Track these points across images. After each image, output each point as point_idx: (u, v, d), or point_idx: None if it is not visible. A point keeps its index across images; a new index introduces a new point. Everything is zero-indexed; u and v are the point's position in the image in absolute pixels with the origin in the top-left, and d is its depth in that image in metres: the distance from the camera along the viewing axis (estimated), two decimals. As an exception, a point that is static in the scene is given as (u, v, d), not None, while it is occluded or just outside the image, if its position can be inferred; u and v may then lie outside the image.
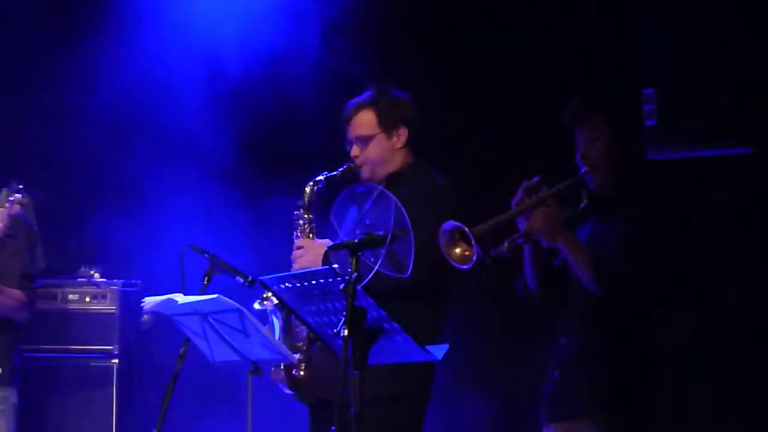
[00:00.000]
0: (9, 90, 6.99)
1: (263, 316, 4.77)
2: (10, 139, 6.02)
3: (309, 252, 4.81)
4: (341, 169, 4.85)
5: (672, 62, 5.50)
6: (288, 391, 4.86)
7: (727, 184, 5.83)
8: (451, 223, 4.14)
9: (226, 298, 4.43)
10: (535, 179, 4.25)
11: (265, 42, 6.63)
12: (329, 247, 4.18)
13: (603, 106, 4.38)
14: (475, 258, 4.09)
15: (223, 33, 6.75)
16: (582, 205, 4.34)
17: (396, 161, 4.83)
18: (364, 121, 4.84)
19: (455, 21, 6.60)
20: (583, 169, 4.31)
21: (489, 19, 6.52)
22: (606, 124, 4.31)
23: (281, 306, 4.78)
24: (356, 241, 3.92)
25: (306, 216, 4.90)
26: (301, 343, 4.80)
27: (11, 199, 5.32)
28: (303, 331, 4.80)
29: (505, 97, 6.42)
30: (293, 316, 4.78)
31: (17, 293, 5.61)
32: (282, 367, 4.80)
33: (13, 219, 5.62)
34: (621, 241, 4.23)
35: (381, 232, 4.01)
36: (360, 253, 3.91)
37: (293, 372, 4.80)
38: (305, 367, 4.80)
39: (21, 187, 5.35)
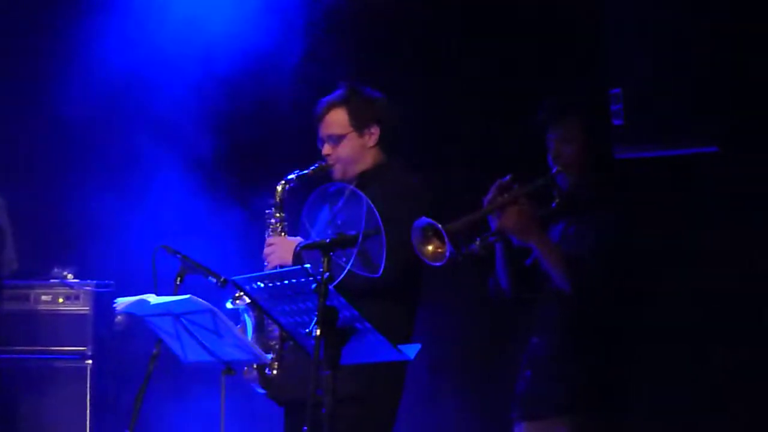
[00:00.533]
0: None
1: (236, 315, 4.77)
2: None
3: (280, 249, 4.80)
4: (313, 167, 4.84)
5: (638, 61, 5.52)
6: (261, 391, 4.85)
7: (693, 183, 5.84)
8: (424, 220, 4.15)
9: (199, 299, 4.44)
10: (507, 178, 4.27)
11: (253, 41, 6.62)
12: (301, 247, 4.19)
13: (576, 107, 4.40)
14: (447, 255, 4.10)
15: (210, 31, 6.73)
16: (554, 205, 4.35)
17: (367, 160, 4.83)
18: (336, 119, 4.83)
19: (428, 21, 6.62)
20: (555, 169, 4.32)
21: (460, 18, 6.54)
22: (579, 126, 4.33)
23: (253, 305, 4.78)
24: (328, 240, 3.91)
25: (278, 215, 4.89)
26: (273, 342, 4.79)
27: None
28: (276, 330, 4.79)
29: (476, 96, 6.43)
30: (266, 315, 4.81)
31: None
32: (255, 366, 4.79)
33: None
34: (592, 240, 4.24)
35: (353, 232, 4.01)
36: (332, 253, 3.90)
37: (266, 371, 4.80)
38: (278, 366, 4.79)
39: None
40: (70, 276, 6.72)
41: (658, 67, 5.45)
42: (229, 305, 4.77)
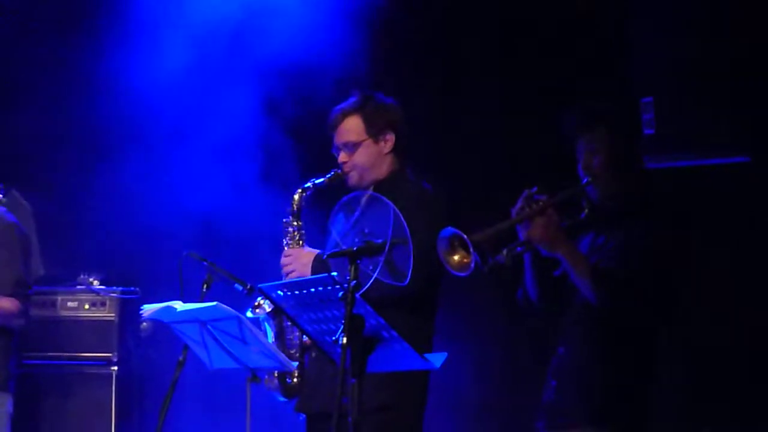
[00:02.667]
0: (10, 93, 7.01)
1: (256, 324, 4.77)
2: (11, 144, 6.03)
3: (297, 260, 4.80)
4: (329, 175, 4.83)
5: (669, 70, 5.50)
6: (282, 399, 4.86)
7: (725, 193, 5.81)
8: (450, 230, 4.13)
9: (225, 306, 4.45)
10: (535, 188, 4.25)
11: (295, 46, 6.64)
12: (327, 255, 4.18)
13: (603, 116, 4.37)
14: (473, 265, 4.09)
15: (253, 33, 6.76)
16: (583, 215, 4.34)
17: (383, 167, 4.82)
18: (351, 127, 4.82)
19: (455, 32, 6.61)
20: (585, 180, 4.31)
21: (489, 28, 6.54)
22: (607, 135, 4.31)
23: (274, 314, 4.79)
24: (355, 248, 3.91)
25: (295, 223, 4.89)
26: (294, 351, 4.80)
27: None
28: (296, 339, 4.81)
29: (504, 105, 6.43)
30: (287, 324, 4.81)
31: (11, 301, 5.62)
32: (276, 375, 4.80)
33: (7, 227, 5.64)
34: (621, 252, 4.22)
35: (380, 240, 4.01)
36: (358, 261, 3.90)
37: (287, 380, 4.81)
38: (298, 374, 4.80)
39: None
40: (96, 282, 6.75)
41: (689, 76, 5.44)
42: (249, 314, 4.77)
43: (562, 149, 4.40)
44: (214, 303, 4.46)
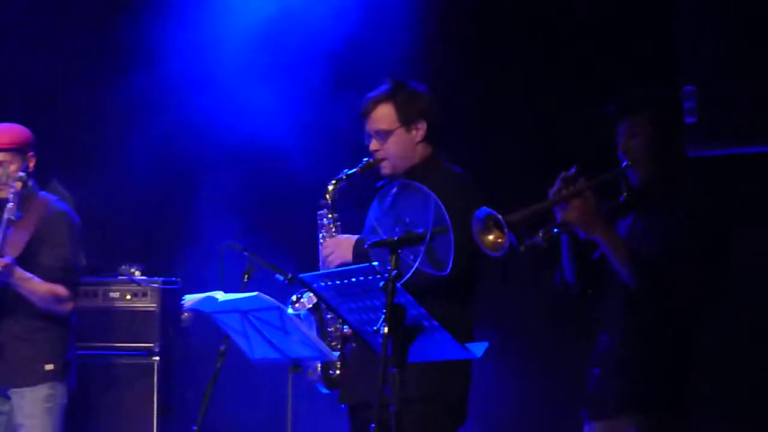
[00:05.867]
0: (58, 88, 7.08)
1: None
2: (54, 136, 6.09)
3: (339, 249, 4.82)
4: (361, 165, 4.86)
5: (714, 58, 5.49)
6: (325, 391, 4.89)
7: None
8: (485, 210, 4.12)
9: (266, 296, 4.47)
10: (573, 170, 4.23)
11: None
12: (369, 244, 4.19)
13: (645, 101, 4.36)
14: (507, 246, 4.07)
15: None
16: (622, 198, 4.32)
17: (415, 155, 4.82)
18: (383, 115, 4.82)
19: (495, 18, 6.61)
20: (625, 163, 4.29)
21: (530, 15, 6.53)
22: (647, 120, 4.29)
23: (314, 309, 4.81)
24: (396, 238, 3.92)
25: (330, 215, 4.92)
26: (335, 343, 4.83)
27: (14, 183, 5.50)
28: (337, 331, 4.85)
29: (547, 92, 6.42)
30: (327, 318, 4.84)
31: (59, 287, 5.67)
32: (318, 367, 4.83)
33: (58, 214, 5.70)
34: (661, 237, 4.20)
35: (421, 230, 4.00)
36: (399, 251, 3.90)
37: (330, 371, 4.83)
38: (340, 366, 4.82)
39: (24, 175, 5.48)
40: (137, 273, 6.80)
41: (732, 64, 5.43)
42: (290, 311, 4.78)
43: (604, 138, 4.39)
44: (255, 293, 4.48)
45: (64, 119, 7.01)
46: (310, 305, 4.81)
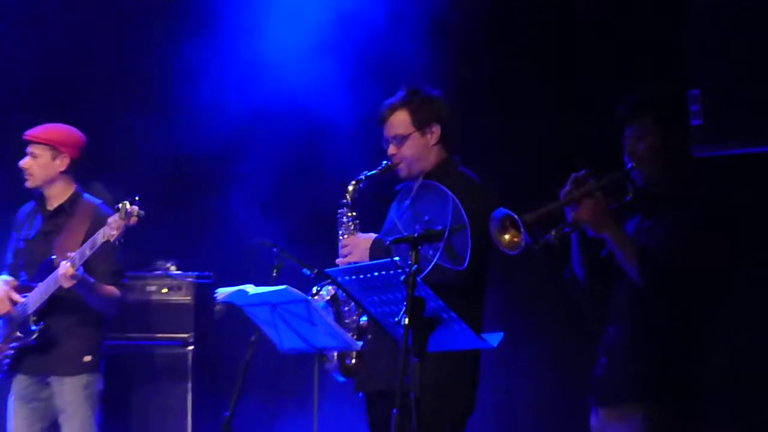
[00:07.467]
0: (99, 88, 7.20)
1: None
2: (93, 136, 6.19)
3: (356, 246, 4.96)
4: (380, 167, 5.01)
5: (719, 60, 5.48)
6: (341, 379, 5.01)
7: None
8: (502, 210, 4.22)
9: (294, 289, 4.59)
10: (583, 172, 4.33)
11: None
12: (390, 241, 4.37)
13: (651, 103, 4.41)
14: (523, 244, 4.20)
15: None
16: (627, 198, 4.40)
17: (430, 158, 4.99)
18: (399, 120, 5.00)
19: (506, 22, 6.68)
20: (630, 165, 4.36)
21: (540, 18, 6.58)
22: (653, 122, 4.35)
23: (332, 301, 4.93)
24: (416, 235, 4.08)
25: (350, 214, 5.05)
26: (351, 333, 4.92)
27: (128, 211, 5.48)
28: (353, 323, 4.97)
29: (553, 93, 6.48)
30: (344, 310, 4.95)
31: (112, 290, 5.82)
32: (335, 356, 4.94)
33: (103, 217, 5.70)
34: (667, 236, 4.26)
35: (439, 227, 4.19)
36: (419, 247, 4.06)
37: (345, 360, 4.96)
38: (356, 355, 4.94)
39: (137, 198, 5.49)
40: (173, 268, 6.94)
41: (737, 67, 5.44)
42: (309, 302, 4.93)
43: (611, 141, 4.46)
44: (284, 286, 4.60)
45: (101, 114, 7.07)
46: (328, 297, 4.93)
